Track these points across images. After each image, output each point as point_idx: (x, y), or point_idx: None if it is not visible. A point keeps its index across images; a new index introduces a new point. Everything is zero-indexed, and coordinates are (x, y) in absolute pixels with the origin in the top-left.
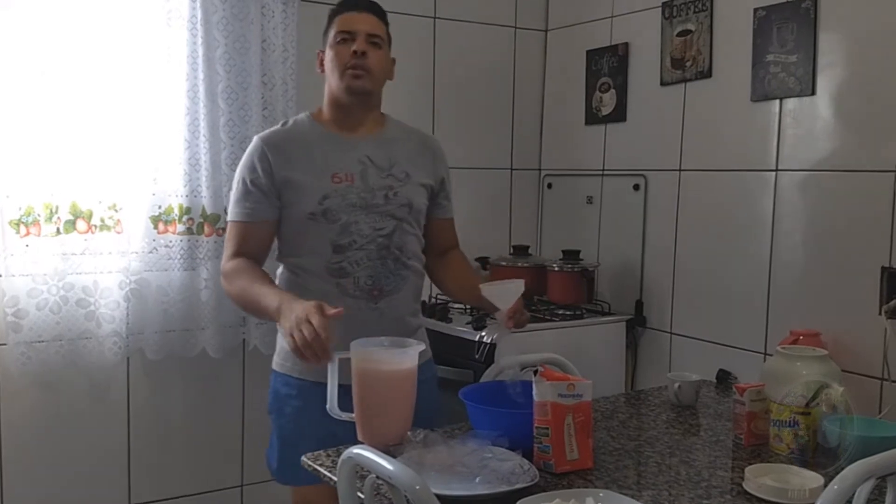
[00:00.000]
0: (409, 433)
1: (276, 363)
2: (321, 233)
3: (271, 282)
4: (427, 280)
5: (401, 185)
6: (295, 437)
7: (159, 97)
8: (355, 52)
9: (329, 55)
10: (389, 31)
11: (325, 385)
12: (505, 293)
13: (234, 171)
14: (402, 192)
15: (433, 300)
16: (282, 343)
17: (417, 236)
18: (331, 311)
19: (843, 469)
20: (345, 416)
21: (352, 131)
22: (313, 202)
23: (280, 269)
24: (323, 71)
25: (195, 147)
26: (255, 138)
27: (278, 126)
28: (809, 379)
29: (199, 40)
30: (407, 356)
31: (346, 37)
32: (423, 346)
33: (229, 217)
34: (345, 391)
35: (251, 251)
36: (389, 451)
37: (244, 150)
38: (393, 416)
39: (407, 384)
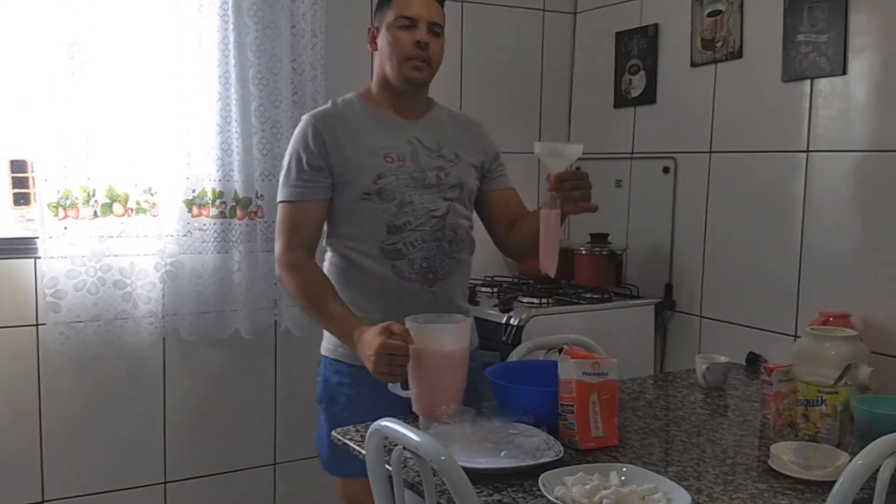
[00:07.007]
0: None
1: (327, 349)
2: (376, 213)
3: (335, 294)
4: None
5: (451, 166)
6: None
7: (192, 83)
8: (418, 42)
9: (387, 39)
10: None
11: None
12: (559, 153)
13: (265, 155)
14: (452, 172)
15: None
16: None
17: (469, 220)
18: (397, 327)
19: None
20: (403, 393)
21: (401, 114)
22: (368, 181)
23: (329, 255)
24: (375, 49)
25: (227, 132)
26: (307, 116)
27: (328, 105)
28: (837, 359)
29: (231, 26)
30: (464, 329)
31: (408, 23)
32: (470, 319)
33: (280, 197)
34: None
35: (305, 236)
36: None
37: (274, 135)
38: (448, 389)
39: (460, 360)
